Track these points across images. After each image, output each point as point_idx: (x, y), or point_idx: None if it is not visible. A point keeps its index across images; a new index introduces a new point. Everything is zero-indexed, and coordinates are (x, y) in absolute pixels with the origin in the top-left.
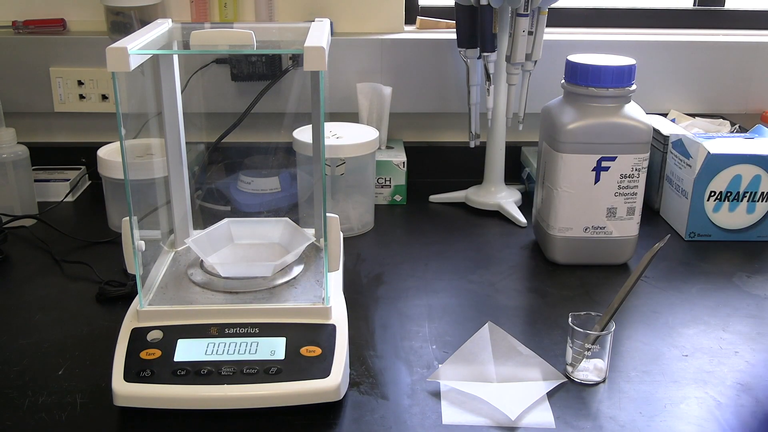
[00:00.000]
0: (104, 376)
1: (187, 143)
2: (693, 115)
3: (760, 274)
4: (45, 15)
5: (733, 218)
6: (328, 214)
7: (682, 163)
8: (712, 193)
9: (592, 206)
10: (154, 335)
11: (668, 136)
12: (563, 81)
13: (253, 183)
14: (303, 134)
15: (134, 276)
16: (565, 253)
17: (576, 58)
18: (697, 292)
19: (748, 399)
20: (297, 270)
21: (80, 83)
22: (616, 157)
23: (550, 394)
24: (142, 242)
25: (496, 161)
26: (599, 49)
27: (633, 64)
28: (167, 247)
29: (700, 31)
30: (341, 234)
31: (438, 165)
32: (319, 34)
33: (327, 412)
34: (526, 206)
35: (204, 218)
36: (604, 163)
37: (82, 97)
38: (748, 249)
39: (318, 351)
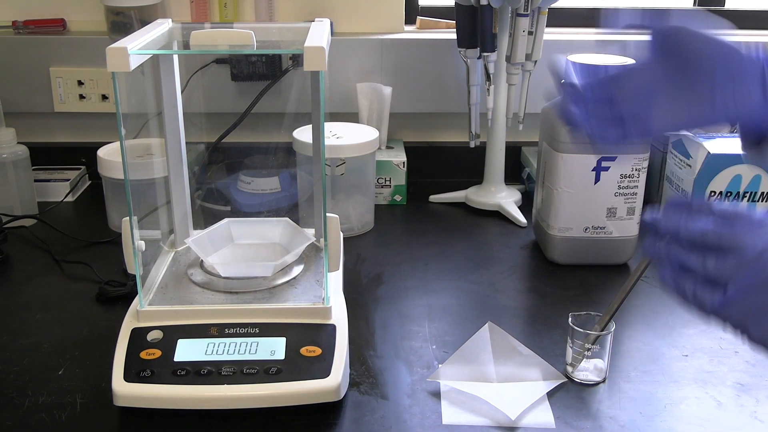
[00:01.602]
0: (104, 376)
1: (187, 143)
2: None
3: None
4: (45, 15)
5: None
6: (328, 214)
7: (682, 163)
8: (712, 193)
9: (592, 206)
10: (154, 335)
11: (668, 136)
12: (563, 81)
13: (253, 183)
14: (303, 134)
15: (134, 276)
16: (565, 253)
17: (576, 58)
18: None
19: (748, 399)
20: (297, 270)
21: (80, 83)
22: (616, 157)
23: (550, 394)
24: (142, 242)
25: (496, 161)
26: (599, 49)
27: (633, 64)
28: (167, 247)
29: None
30: (341, 234)
31: (438, 165)
32: (319, 34)
33: (327, 412)
34: (526, 206)
35: (204, 218)
36: (604, 163)
37: (82, 97)
38: None
39: (318, 351)
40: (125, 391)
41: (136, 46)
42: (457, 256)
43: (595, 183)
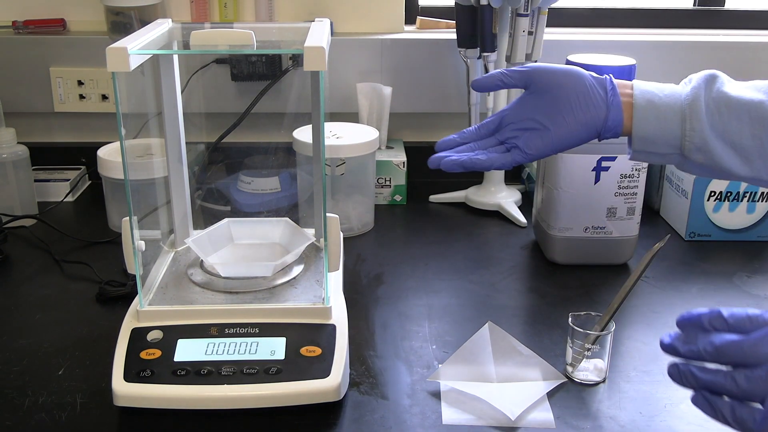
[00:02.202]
0: (104, 376)
1: (187, 143)
2: None
3: (760, 274)
4: (45, 15)
5: (733, 218)
6: (328, 214)
7: None
8: (712, 193)
9: (592, 206)
10: (154, 335)
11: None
12: None
13: (253, 183)
14: (303, 134)
15: (134, 276)
16: (565, 253)
17: (576, 58)
18: (697, 292)
19: None
20: (297, 270)
21: (80, 83)
22: (616, 157)
23: (550, 394)
24: (142, 242)
25: None
26: (599, 49)
27: (633, 64)
28: (167, 247)
29: (700, 31)
30: (341, 234)
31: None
32: (319, 34)
33: (327, 412)
34: (526, 206)
35: (204, 218)
36: (604, 163)
37: (82, 97)
38: (748, 249)
39: (318, 351)
40: (125, 391)
41: (136, 46)
42: (457, 256)
43: (595, 183)
